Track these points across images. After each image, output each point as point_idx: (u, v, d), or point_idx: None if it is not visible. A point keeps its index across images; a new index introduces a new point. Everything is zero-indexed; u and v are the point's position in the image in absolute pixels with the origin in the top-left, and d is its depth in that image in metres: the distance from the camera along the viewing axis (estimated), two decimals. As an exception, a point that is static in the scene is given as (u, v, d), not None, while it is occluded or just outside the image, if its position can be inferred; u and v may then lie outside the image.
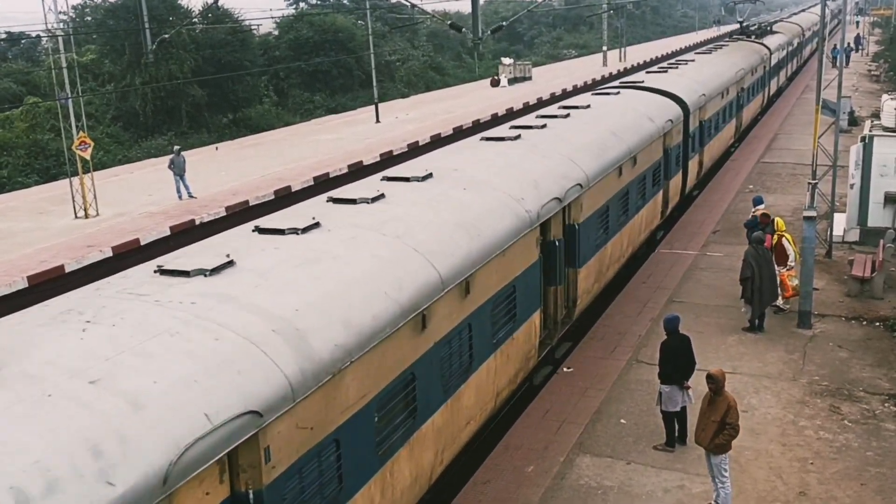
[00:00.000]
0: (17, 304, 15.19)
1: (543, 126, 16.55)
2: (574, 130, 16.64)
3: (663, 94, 22.65)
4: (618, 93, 21.81)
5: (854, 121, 35.48)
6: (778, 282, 16.47)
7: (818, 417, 12.67)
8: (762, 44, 41.94)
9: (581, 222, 14.45)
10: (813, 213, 16.06)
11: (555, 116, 17.92)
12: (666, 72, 27.26)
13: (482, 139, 15.72)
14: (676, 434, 11.93)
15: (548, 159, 14.48)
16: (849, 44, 62.08)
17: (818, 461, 11.50)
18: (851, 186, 21.06)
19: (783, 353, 14.92)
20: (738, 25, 50.74)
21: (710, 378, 10.23)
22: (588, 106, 19.24)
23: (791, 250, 16.34)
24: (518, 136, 15.45)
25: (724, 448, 10.28)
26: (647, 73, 27.62)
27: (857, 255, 19.17)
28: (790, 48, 53.18)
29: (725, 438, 10.20)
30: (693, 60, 31.02)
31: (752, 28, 48.41)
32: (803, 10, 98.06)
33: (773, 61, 43.34)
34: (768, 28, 50.29)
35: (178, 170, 28.78)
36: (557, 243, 13.65)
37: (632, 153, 17.51)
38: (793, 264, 16.35)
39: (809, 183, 18.24)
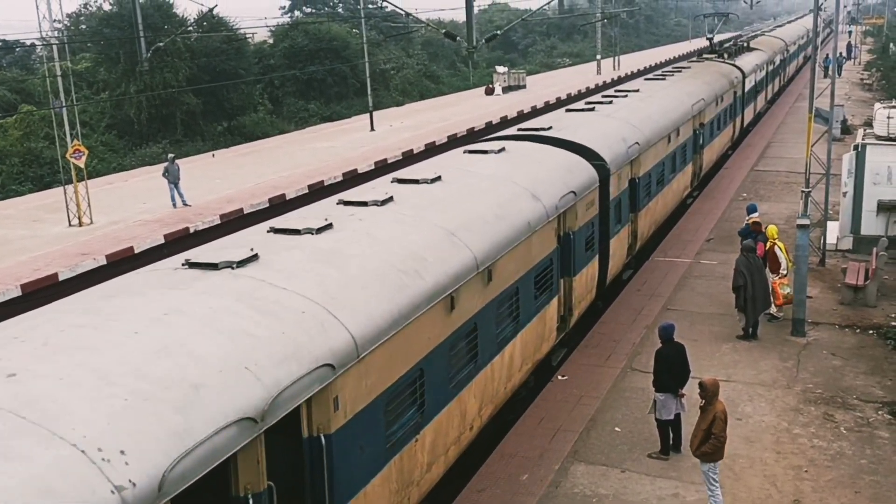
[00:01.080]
0: (10, 313, 15.15)
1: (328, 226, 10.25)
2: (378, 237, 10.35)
3: (573, 147, 16.37)
4: (500, 150, 15.00)
5: (847, 129, 35.61)
6: (770, 290, 16.54)
7: (812, 425, 12.70)
8: (734, 65, 35.44)
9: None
10: (806, 222, 16.12)
11: (364, 204, 11.34)
12: (593, 109, 20.60)
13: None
14: (671, 442, 11.94)
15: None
16: (841, 53, 60.32)
17: (812, 469, 11.52)
18: (844, 195, 21.14)
19: (777, 360, 14.95)
20: (729, 36, 51.08)
21: (701, 387, 10.32)
22: (437, 179, 12.71)
23: (783, 258, 16.39)
24: None
25: (710, 457, 10.32)
26: (567, 110, 21.19)
27: (850, 263, 19.24)
28: (770, 67, 46.19)
29: (710, 448, 10.25)
30: (637, 90, 24.45)
31: (727, 45, 43.09)
32: (790, 21, 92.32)
33: (749, 85, 36.79)
34: (744, 45, 43.92)
35: (173, 178, 28.77)
36: None
37: (483, 265, 11.14)
38: (785, 272, 16.40)
39: (803, 191, 18.32)
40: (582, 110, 20.48)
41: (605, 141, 17.52)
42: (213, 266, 8.59)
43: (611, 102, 21.71)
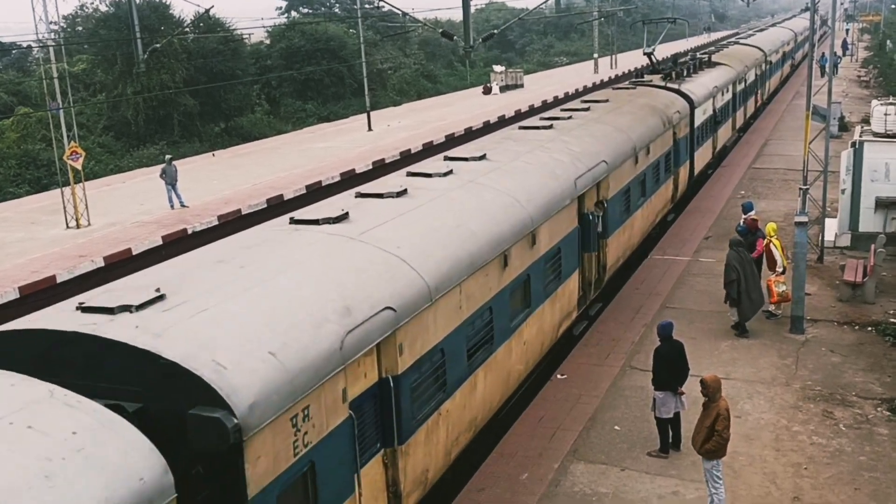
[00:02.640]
0: (8, 316, 15.14)
1: None
2: None
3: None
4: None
5: (844, 126, 35.63)
6: (765, 286, 16.56)
7: (811, 422, 12.70)
8: (678, 92, 25.33)
9: None
10: (804, 219, 16.11)
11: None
12: (381, 197, 11.96)
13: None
14: (670, 440, 11.94)
15: None
16: (836, 54, 57.30)
17: (812, 466, 11.52)
18: (842, 191, 21.15)
19: (776, 358, 14.95)
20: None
21: (702, 384, 10.31)
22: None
23: (778, 255, 16.39)
24: None
25: (714, 454, 10.31)
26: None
27: (848, 259, 19.25)
28: (741, 86, 35.76)
29: (713, 445, 10.24)
30: (482, 157, 14.67)
31: (682, 63, 31.51)
32: (777, 24, 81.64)
33: (701, 117, 26.73)
34: (704, 61, 33.12)
35: (170, 179, 28.75)
36: None
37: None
38: (781, 270, 16.40)
39: (801, 188, 18.31)
40: (375, 195, 12.09)
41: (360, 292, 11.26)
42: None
43: (430, 177, 13.18)
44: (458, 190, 12.71)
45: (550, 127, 18.00)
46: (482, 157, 14.82)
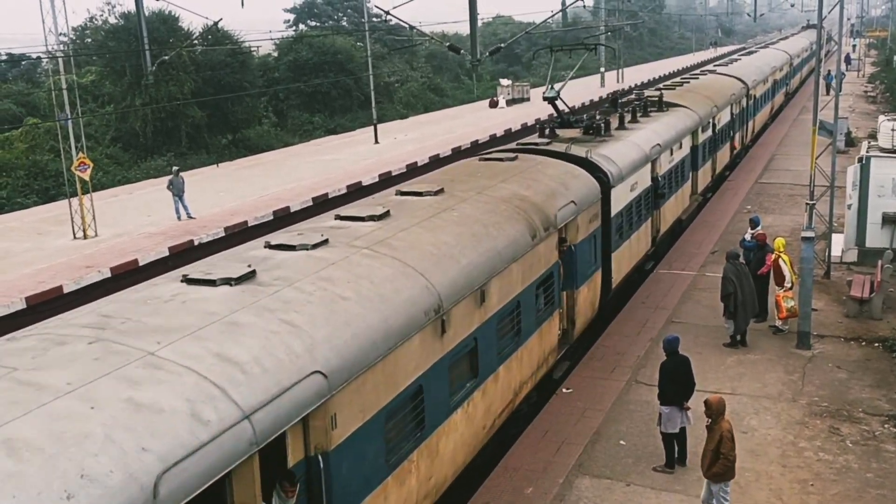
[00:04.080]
0: (15, 325, 15.16)
1: None
2: None
3: None
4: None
5: (851, 142, 35.59)
6: (773, 302, 16.55)
7: (818, 438, 12.64)
8: (587, 164, 17.00)
9: None
10: (811, 234, 16.11)
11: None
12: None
13: None
14: (676, 455, 11.89)
15: None
16: (829, 71, 50.69)
17: (818, 483, 11.46)
18: (849, 207, 21.11)
19: (782, 373, 14.90)
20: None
21: (706, 405, 10.28)
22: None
23: (787, 271, 16.37)
24: None
25: (722, 477, 10.27)
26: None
27: (855, 275, 19.20)
28: (706, 135, 26.84)
29: (720, 468, 10.19)
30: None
31: (625, 103, 24.62)
32: (769, 44, 69.98)
33: (623, 199, 18.01)
34: (654, 101, 24.73)
35: (177, 190, 28.84)
36: None
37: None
38: (789, 285, 16.37)
39: (807, 203, 18.29)
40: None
41: None
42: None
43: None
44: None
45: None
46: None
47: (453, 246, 11.24)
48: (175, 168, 30.25)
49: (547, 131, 19.84)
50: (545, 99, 19.79)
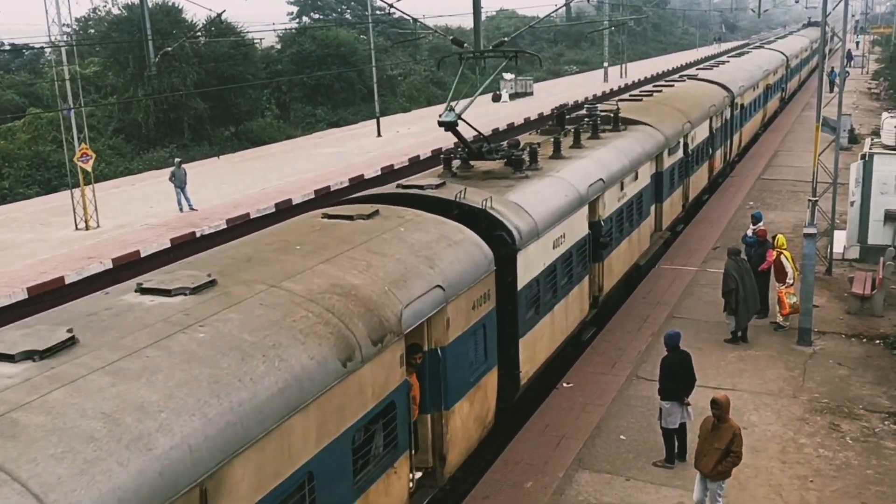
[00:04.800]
0: (17, 316, 15.20)
1: None
2: None
3: None
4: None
5: (854, 138, 35.54)
6: (775, 298, 16.55)
7: (818, 435, 12.65)
8: (489, 222, 12.50)
9: None
10: (813, 230, 16.09)
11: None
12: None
13: None
14: (676, 450, 11.90)
15: None
16: (833, 68, 49.89)
17: (818, 479, 11.47)
18: (852, 204, 21.09)
19: (783, 370, 14.90)
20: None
21: (715, 404, 10.10)
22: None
23: (789, 267, 16.37)
24: None
25: (726, 475, 10.24)
26: None
27: (857, 272, 19.19)
28: (672, 160, 22.06)
29: (728, 466, 10.13)
30: None
31: (574, 118, 20.55)
32: (765, 43, 62.13)
33: (533, 267, 13.31)
34: (609, 117, 20.35)
35: (180, 182, 28.85)
36: None
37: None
38: (791, 281, 16.37)
39: (810, 200, 18.28)
40: None
41: None
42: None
43: None
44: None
45: None
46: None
47: (151, 414, 6.37)
48: (177, 160, 30.27)
49: (454, 164, 15.56)
50: (441, 124, 14.35)
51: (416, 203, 12.31)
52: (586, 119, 19.82)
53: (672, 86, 29.18)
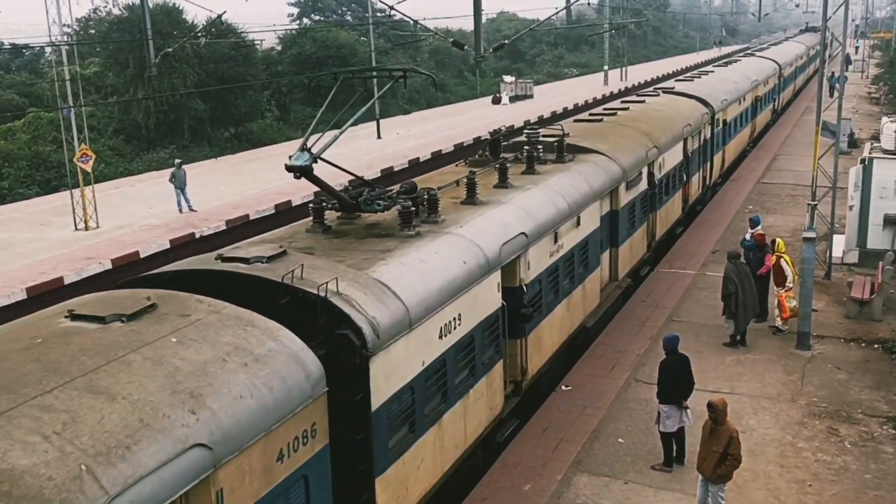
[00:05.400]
0: (16, 316, 15.17)
1: None
2: None
3: None
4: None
5: (854, 143, 35.58)
6: (775, 302, 16.56)
7: (816, 439, 12.65)
8: (323, 322, 8.84)
9: None
10: (812, 235, 16.11)
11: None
12: None
13: None
14: (674, 454, 11.90)
15: None
16: (833, 72, 48.09)
17: (816, 483, 11.47)
18: (851, 208, 21.10)
19: (782, 374, 14.91)
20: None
21: (711, 407, 10.14)
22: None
23: (789, 271, 16.38)
24: None
25: (727, 478, 10.25)
26: None
27: (856, 276, 19.20)
28: (638, 201, 19.19)
29: (727, 469, 10.15)
30: None
31: (508, 145, 18.03)
32: (770, 45, 62.93)
33: (396, 402, 9.50)
34: (532, 148, 16.22)
35: (180, 183, 28.85)
36: None
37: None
38: (790, 285, 16.38)
39: (809, 204, 18.29)
40: None
41: None
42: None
43: None
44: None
45: None
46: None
47: None
48: (178, 161, 30.27)
49: (330, 214, 12.53)
50: (290, 170, 11.83)
51: (236, 284, 8.97)
52: (525, 147, 16.32)
53: (643, 101, 25.82)
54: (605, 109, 24.45)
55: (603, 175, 16.87)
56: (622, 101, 26.52)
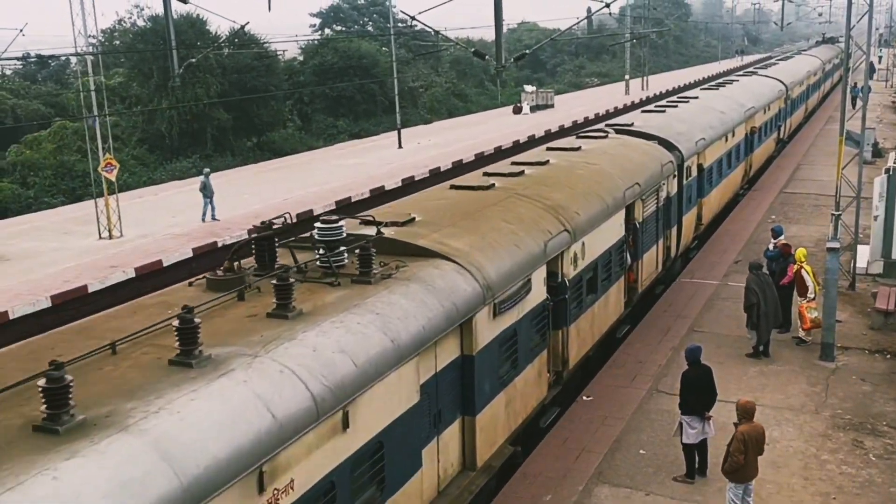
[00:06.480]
0: (40, 324, 15.34)
1: None
2: None
3: None
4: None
5: (878, 152, 35.28)
6: (797, 313, 16.43)
7: (841, 451, 12.53)
8: None
9: None
10: (836, 245, 15.97)
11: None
12: None
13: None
14: (696, 466, 11.83)
15: None
16: (855, 84, 47.15)
17: (841, 496, 11.35)
18: (875, 218, 20.90)
19: (805, 385, 14.78)
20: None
21: (736, 406, 10.53)
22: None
23: (810, 281, 16.26)
24: None
25: (732, 476, 10.39)
26: None
27: (880, 287, 19.01)
28: (586, 275, 14.34)
29: (727, 466, 10.36)
30: None
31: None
32: (776, 60, 55.08)
33: None
34: (364, 252, 9.71)
35: (210, 192, 29.05)
36: None
37: None
38: (812, 296, 16.25)
39: (833, 214, 18.15)
40: None
41: None
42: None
43: None
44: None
45: None
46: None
47: None
48: (206, 170, 30.41)
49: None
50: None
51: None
52: (319, 252, 10.02)
53: (577, 148, 18.36)
54: (513, 163, 16.97)
55: (434, 306, 9.63)
56: (547, 148, 19.39)
